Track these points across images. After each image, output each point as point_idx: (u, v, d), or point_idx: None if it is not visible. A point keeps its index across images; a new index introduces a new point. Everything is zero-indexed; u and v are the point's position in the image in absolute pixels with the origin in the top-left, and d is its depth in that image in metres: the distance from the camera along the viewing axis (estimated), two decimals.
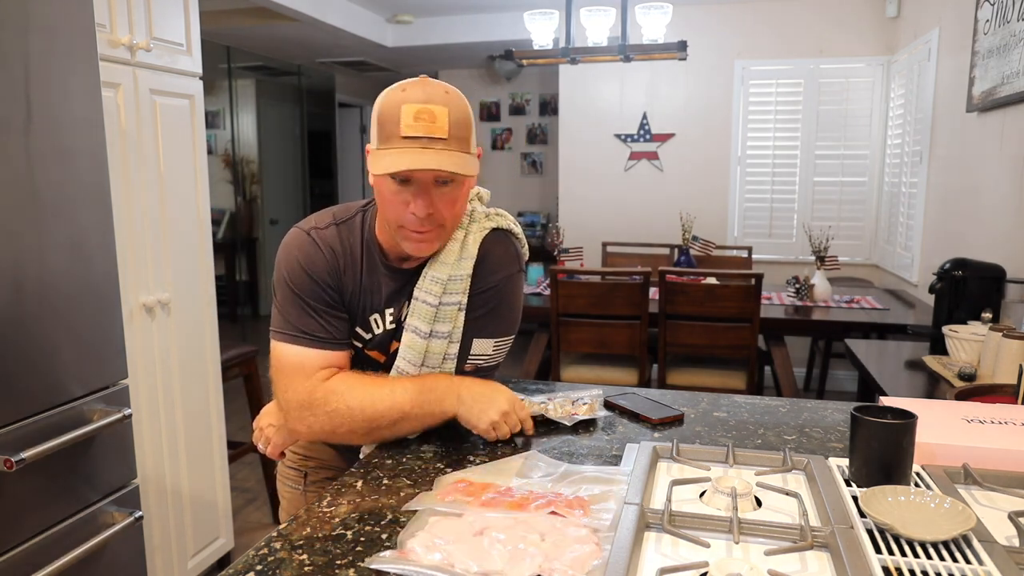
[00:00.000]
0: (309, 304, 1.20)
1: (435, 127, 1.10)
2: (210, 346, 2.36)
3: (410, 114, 1.10)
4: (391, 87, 1.16)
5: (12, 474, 1.40)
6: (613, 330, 3.22)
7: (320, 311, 1.21)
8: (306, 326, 1.20)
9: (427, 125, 1.10)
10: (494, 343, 1.28)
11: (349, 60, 6.53)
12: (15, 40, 1.41)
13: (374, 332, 1.27)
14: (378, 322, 1.27)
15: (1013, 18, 2.50)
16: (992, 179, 2.74)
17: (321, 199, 7.67)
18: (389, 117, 1.12)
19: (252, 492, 3.28)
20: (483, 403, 1.20)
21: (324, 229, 1.24)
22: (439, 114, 1.10)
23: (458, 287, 1.23)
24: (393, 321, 1.27)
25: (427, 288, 1.22)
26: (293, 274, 1.21)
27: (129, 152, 2.00)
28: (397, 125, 1.10)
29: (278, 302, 1.23)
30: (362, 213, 1.28)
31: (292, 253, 1.22)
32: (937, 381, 2.04)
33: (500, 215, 1.30)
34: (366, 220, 1.27)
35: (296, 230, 1.25)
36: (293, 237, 1.24)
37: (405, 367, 1.24)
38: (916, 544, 0.83)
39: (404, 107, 1.10)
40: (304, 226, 1.25)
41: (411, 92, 1.12)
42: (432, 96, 1.12)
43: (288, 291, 1.21)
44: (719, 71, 4.78)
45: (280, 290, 1.23)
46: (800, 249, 4.70)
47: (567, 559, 0.81)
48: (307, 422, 1.18)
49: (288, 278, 1.21)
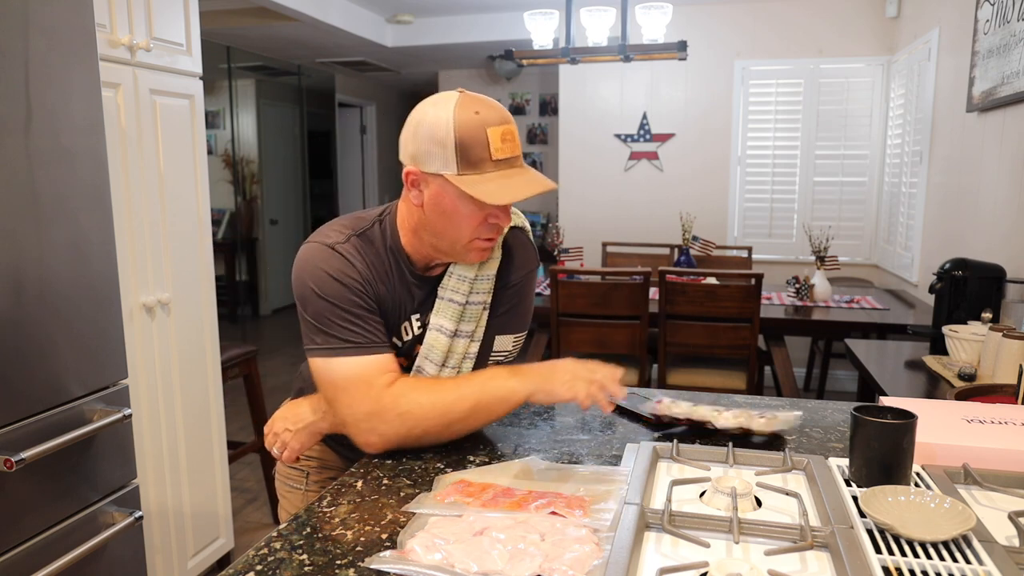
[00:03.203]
0: (347, 311, 1.15)
1: (516, 146, 1.13)
2: (210, 346, 2.36)
3: (497, 137, 1.10)
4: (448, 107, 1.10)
5: (12, 474, 1.40)
6: (613, 330, 3.22)
7: (360, 316, 1.16)
8: (349, 335, 1.15)
9: (512, 146, 1.12)
10: (513, 338, 1.30)
11: (349, 60, 6.54)
12: (15, 40, 1.41)
13: (404, 340, 1.26)
14: (408, 329, 1.26)
15: (1013, 18, 2.50)
16: (992, 179, 2.74)
17: (321, 199, 7.67)
18: (475, 141, 1.09)
19: (252, 492, 3.28)
20: (558, 373, 1.16)
21: (346, 243, 1.19)
22: (515, 132, 1.14)
23: (484, 287, 1.24)
24: (420, 327, 1.26)
25: (453, 287, 1.22)
26: (324, 286, 1.15)
27: (129, 152, 2.00)
28: (486, 149, 1.09)
29: (310, 319, 1.16)
30: (379, 223, 1.24)
31: (317, 265, 1.16)
32: (937, 381, 2.04)
33: (515, 213, 1.31)
34: (386, 230, 1.23)
35: (315, 245, 1.19)
36: (314, 251, 1.18)
37: (426, 366, 1.22)
38: (916, 544, 0.83)
39: (490, 131, 1.10)
40: (323, 240, 1.19)
41: (486, 114, 1.10)
42: (504, 115, 1.13)
43: (321, 303, 1.15)
44: (719, 71, 4.78)
45: (311, 305, 1.16)
46: (800, 249, 4.70)
47: (567, 559, 0.81)
48: (379, 431, 1.14)
49: (319, 291, 1.15)
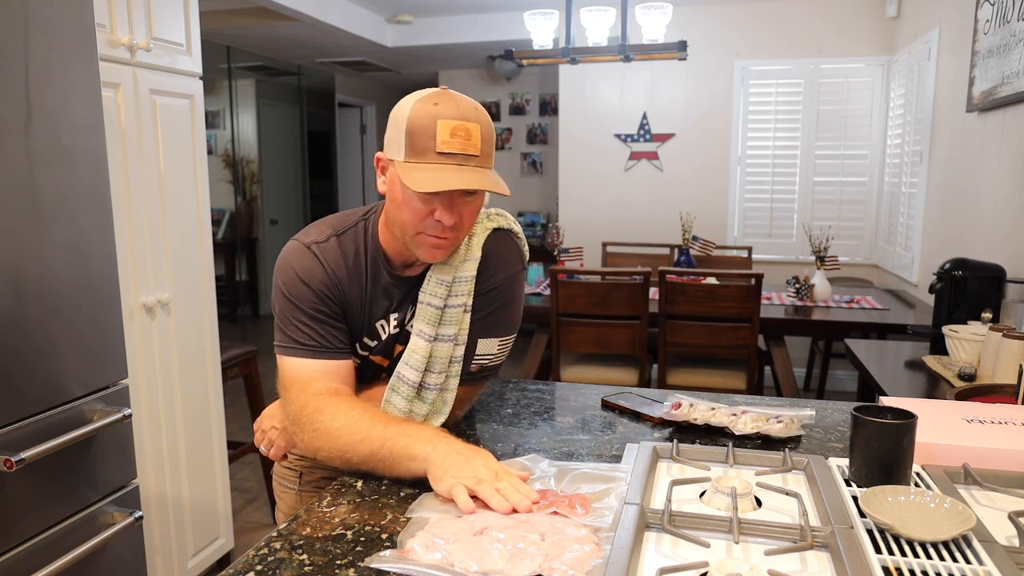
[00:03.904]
0: (306, 313, 1.19)
1: (469, 144, 1.09)
2: (210, 346, 2.36)
3: (446, 130, 1.08)
4: (416, 97, 1.12)
5: (12, 474, 1.40)
6: (613, 330, 3.22)
7: (318, 320, 1.19)
8: (303, 337, 1.19)
9: (462, 142, 1.09)
10: (499, 342, 1.29)
11: (349, 60, 6.54)
12: (15, 40, 1.41)
13: (380, 339, 1.27)
14: (384, 328, 1.26)
15: (1013, 18, 2.50)
16: (992, 179, 2.74)
17: (321, 199, 7.67)
18: (422, 130, 1.09)
19: (252, 492, 3.28)
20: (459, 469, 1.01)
21: (324, 243, 1.22)
22: (473, 131, 1.10)
23: (463, 289, 1.23)
24: (397, 325, 1.26)
25: (431, 291, 1.21)
26: (290, 285, 1.19)
27: (129, 152, 2.00)
28: (432, 140, 1.08)
29: (277, 316, 1.21)
30: (364, 222, 1.26)
31: (289, 265, 1.20)
32: (937, 381, 2.04)
33: (501, 215, 1.31)
34: (368, 228, 1.25)
35: (294, 242, 1.23)
36: (291, 250, 1.22)
37: (406, 372, 1.22)
38: (916, 544, 0.83)
39: (440, 123, 1.08)
40: (303, 239, 1.22)
41: (444, 107, 1.09)
42: (466, 112, 1.10)
43: (285, 302, 1.19)
44: (719, 71, 4.78)
45: (278, 304, 1.21)
46: (800, 249, 4.70)
47: (567, 559, 0.81)
48: (298, 437, 1.16)
49: (285, 290, 1.20)
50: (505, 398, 1.50)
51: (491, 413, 1.41)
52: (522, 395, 1.52)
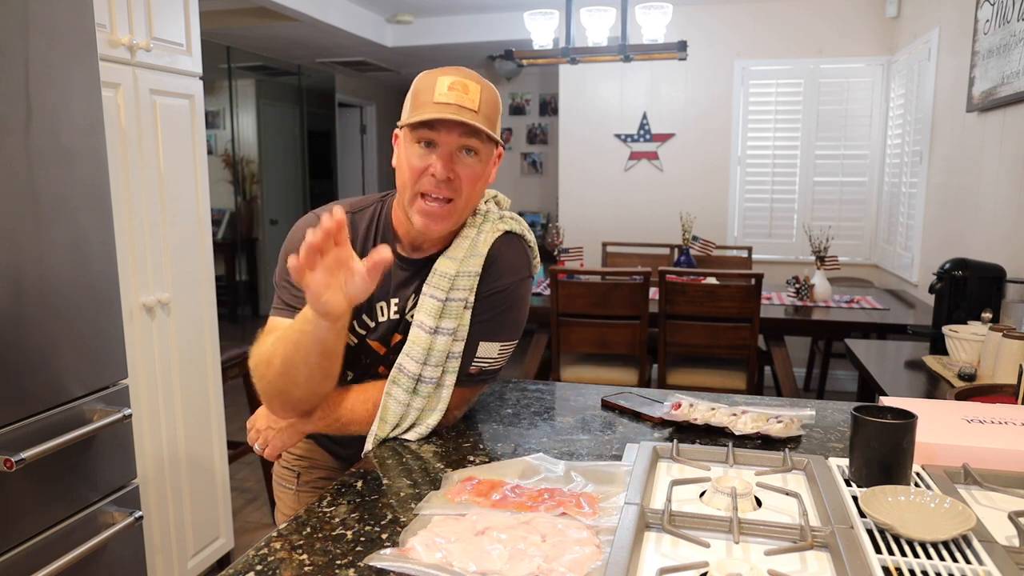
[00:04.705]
0: None
1: (467, 99, 1.13)
2: (210, 346, 2.36)
3: (444, 84, 1.13)
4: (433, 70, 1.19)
5: (12, 474, 1.40)
6: (613, 330, 3.22)
7: None
8: (290, 298, 1.22)
9: (459, 95, 1.13)
10: (500, 347, 1.28)
11: (349, 60, 6.54)
12: (15, 40, 1.41)
13: (378, 320, 1.27)
14: (383, 310, 1.26)
15: (1013, 18, 2.50)
16: (992, 179, 2.74)
17: (321, 199, 7.66)
18: (424, 88, 1.15)
19: (252, 492, 3.28)
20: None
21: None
22: (472, 88, 1.14)
23: (465, 283, 1.23)
24: (397, 312, 1.26)
25: (435, 283, 1.22)
26: (291, 245, 1.21)
27: (129, 152, 2.00)
28: (431, 93, 1.13)
29: (275, 282, 1.26)
30: (380, 203, 1.29)
31: (298, 227, 1.24)
32: (937, 381, 2.04)
33: (514, 219, 1.31)
34: (383, 209, 1.28)
35: (310, 213, 1.27)
36: (304, 218, 1.26)
37: (407, 363, 1.22)
38: (916, 544, 0.83)
39: (440, 78, 1.14)
40: (318, 210, 1.26)
41: (448, 71, 1.16)
42: (468, 75, 1.16)
43: (281, 264, 1.21)
44: (719, 71, 4.78)
45: (278, 266, 1.24)
46: (800, 249, 4.70)
47: (566, 560, 0.81)
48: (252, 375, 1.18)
49: (286, 248, 1.21)
50: (505, 398, 1.50)
51: (491, 413, 1.41)
52: (522, 395, 1.52)
